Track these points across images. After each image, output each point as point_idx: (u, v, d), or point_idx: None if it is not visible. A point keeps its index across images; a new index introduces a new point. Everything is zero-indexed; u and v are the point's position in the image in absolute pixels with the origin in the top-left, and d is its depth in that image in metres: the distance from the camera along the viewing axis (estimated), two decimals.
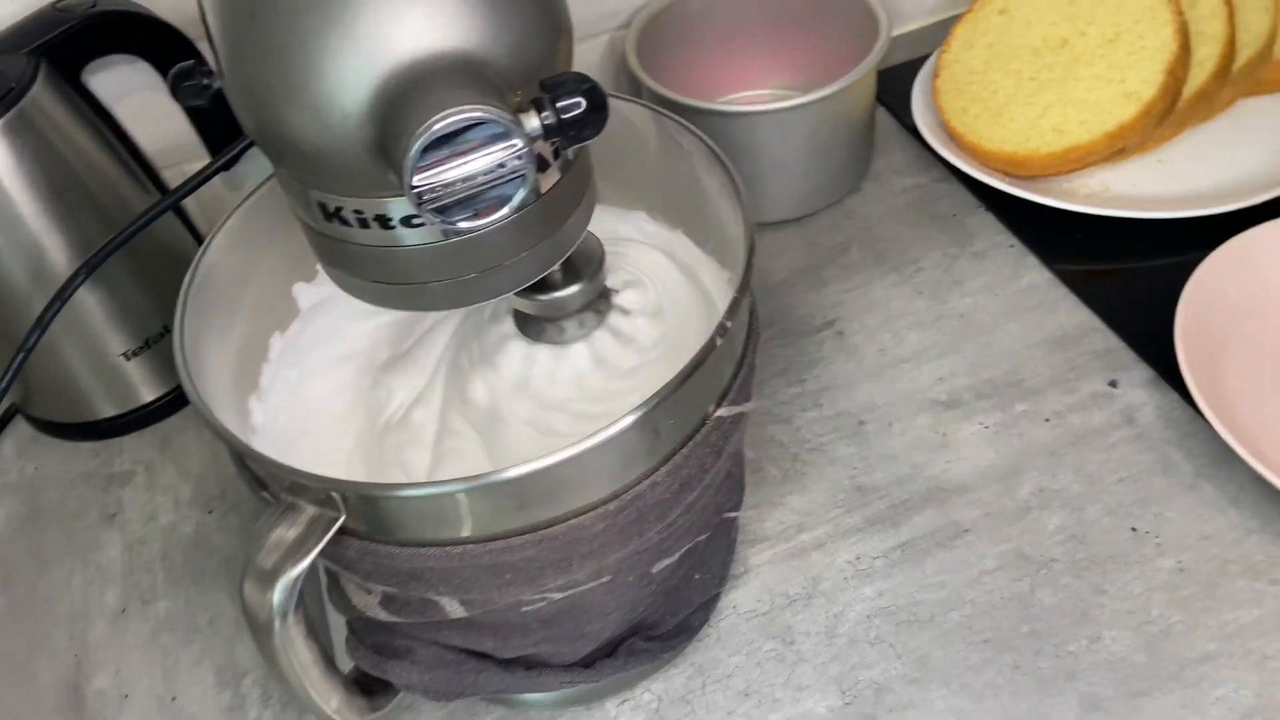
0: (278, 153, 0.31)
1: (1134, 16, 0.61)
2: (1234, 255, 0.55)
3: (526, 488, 0.33)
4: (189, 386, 0.37)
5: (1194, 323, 0.52)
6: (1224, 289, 0.54)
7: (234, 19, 0.29)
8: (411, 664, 0.40)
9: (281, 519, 0.34)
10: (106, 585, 0.55)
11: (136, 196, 0.58)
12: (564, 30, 0.32)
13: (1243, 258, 0.55)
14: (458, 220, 0.29)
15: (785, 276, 0.63)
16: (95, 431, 0.62)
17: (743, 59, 0.71)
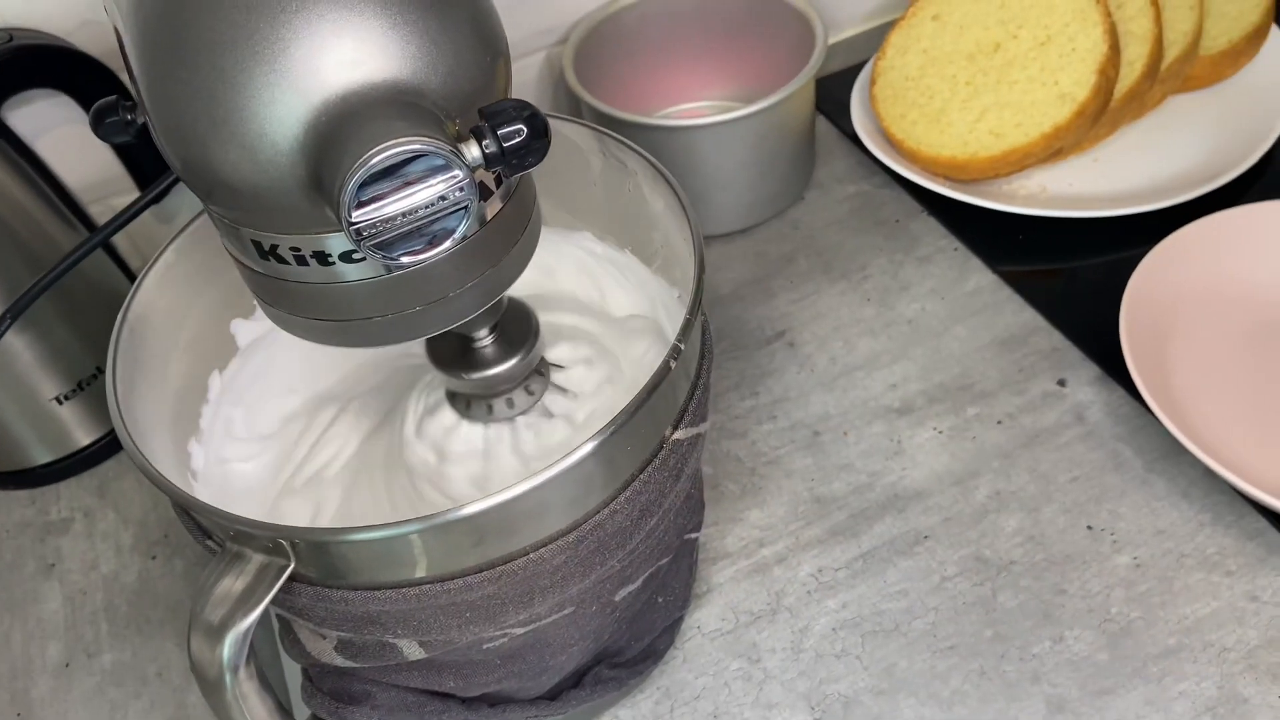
0: (207, 191, 0.30)
1: (1064, 19, 0.62)
2: (1172, 252, 0.55)
3: (483, 524, 0.32)
4: (123, 433, 0.36)
5: (1138, 320, 0.53)
6: (1164, 285, 0.55)
7: (155, 55, 0.28)
8: (371, 709, 0.39)
9: (228, 569, 0.33)
10: (48, 639, 0.53)
11: (63, 234, 0.56)
12: (500, 54, 0.31)
13: (1180, 254, 0.56)
14: (400, 255, 0.28)
15: (733, 289, 0.63)
16: (29, 479, 0.60)
17: (680, 71, 0.71)
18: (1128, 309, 0.53)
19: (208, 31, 0.27)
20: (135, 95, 0.30)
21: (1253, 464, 0.49)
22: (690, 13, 0.69)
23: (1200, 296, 0.56)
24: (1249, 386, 0.52)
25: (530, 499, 0.32)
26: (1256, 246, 0.56)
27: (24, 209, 0.54)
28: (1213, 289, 0.56)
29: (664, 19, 0.69)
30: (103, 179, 0.60)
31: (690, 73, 0.71)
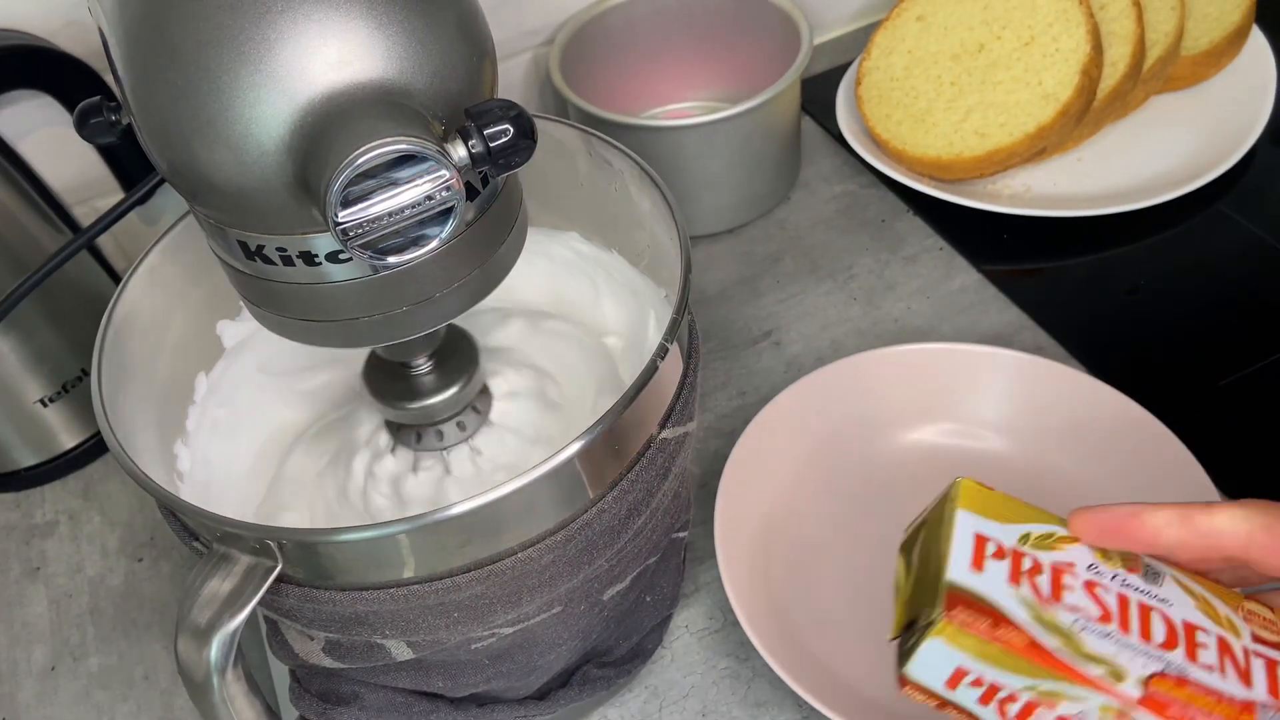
0: (192, 192, 0.30)
1: (1047, 20, 0.63)
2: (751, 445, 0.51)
3: (470, 524, 0.32)
4: (109, 435, 0.36)
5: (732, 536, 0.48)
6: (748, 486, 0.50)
7: (140, 56, 0.28)
8: (360, 710, 0.39)
9: (215, 570, 0.33)
10: (34, 643, 0.53)
11: (47, 236, 0.56)
12: (487, 54, 0.32)
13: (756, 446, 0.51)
14: (386, 255, 0.28)
15: (720, 289, 0.63)
16: (14, 482, 0.59)
17: (667, 72, 0.71)
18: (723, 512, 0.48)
19: (193, 32, 0.27)
20: (120, 96, 0.30)
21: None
22: (676, 13, 0.69)
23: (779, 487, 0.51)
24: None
25: (518, 499, 0.32)
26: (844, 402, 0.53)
27: (7, 211, 0.54)
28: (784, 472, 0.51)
29: (650, 20, 0.69)
30: (87, 180, 0.60)
31: (676, 73, 0.71)
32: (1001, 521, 0.32)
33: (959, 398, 0.52)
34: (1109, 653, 0.30)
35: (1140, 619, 0.31)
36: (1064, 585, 0.31)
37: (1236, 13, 0.65)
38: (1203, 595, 0.32)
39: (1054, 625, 0.30)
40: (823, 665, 0.45)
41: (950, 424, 0.52)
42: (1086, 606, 0.31)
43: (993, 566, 0.31)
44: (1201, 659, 0.31)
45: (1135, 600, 0.31)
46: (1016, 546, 0.32)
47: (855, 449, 0.52)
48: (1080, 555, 0.32)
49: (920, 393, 0.52)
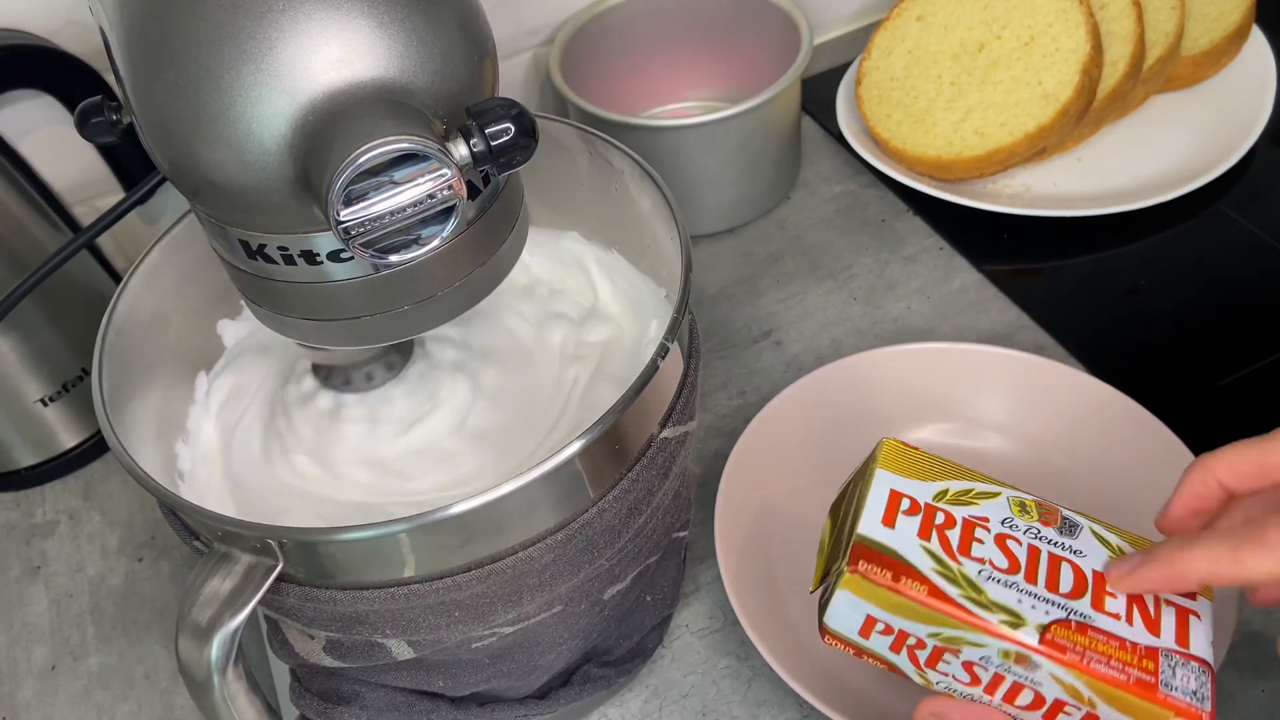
0: (194, 190, 0.30)
1: (1047, 19, 0.63)
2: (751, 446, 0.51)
3: (471, 523, 0.32)
4: (110, 434, 0.36)
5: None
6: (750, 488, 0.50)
7: (141, 55, 0.28)
8: (360, 709, 0.39)
9: (216, 569, 0.33)
10: (34, 643, 0.53)
11: (48, 236, 0.56)
12: (487, 53, 0.32)
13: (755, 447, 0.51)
14: (388, 254, 0.28)
15: (720, 288, 0.63)
16: (14, 481, 0.59)
17: (667, 72, 0.71)
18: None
19: (194, 31, 0.27)
20: (121, 95, 0.30)
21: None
22: (676, 13, 0.69)
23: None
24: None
25: (518, 498, 0.32)
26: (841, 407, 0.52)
27: (8, 210, 0.54)
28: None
29: (650, 19, 0.69)
30: (87, 180, 0.60)
31: (676, 73, 0.71)
32: (921, 479, 0.34)
33: (959, 398, 0.52)
34: (1010, 601, 0.32)
35: (1049, 569, 0.32)
36: (975, 538, 0.33)
37: (1236, 13, 0.65)
38: (1119, 547, 0.34)
39: (959, 576, 0.32)
40: (823, 665, 0.45)
41: (950, 424, 0.52)
42: (994, 557, 0.32)
43: (904, 521, 0.33)
44: (1109, 607, 0.32)
45: (1045, 551, 0.33)
46: (931, 502, 0.33)
47: (855, 449, 0.52)
48: (996, 510, 0.33)
49: (920, 393, 0.52)
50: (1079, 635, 0.31)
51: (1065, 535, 0.34)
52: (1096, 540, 0.34)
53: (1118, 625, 0.32)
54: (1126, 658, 0.31)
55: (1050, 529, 0.34)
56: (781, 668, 0.42)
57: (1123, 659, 0.31)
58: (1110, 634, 0.31)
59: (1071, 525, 0.34)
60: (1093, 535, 0.34)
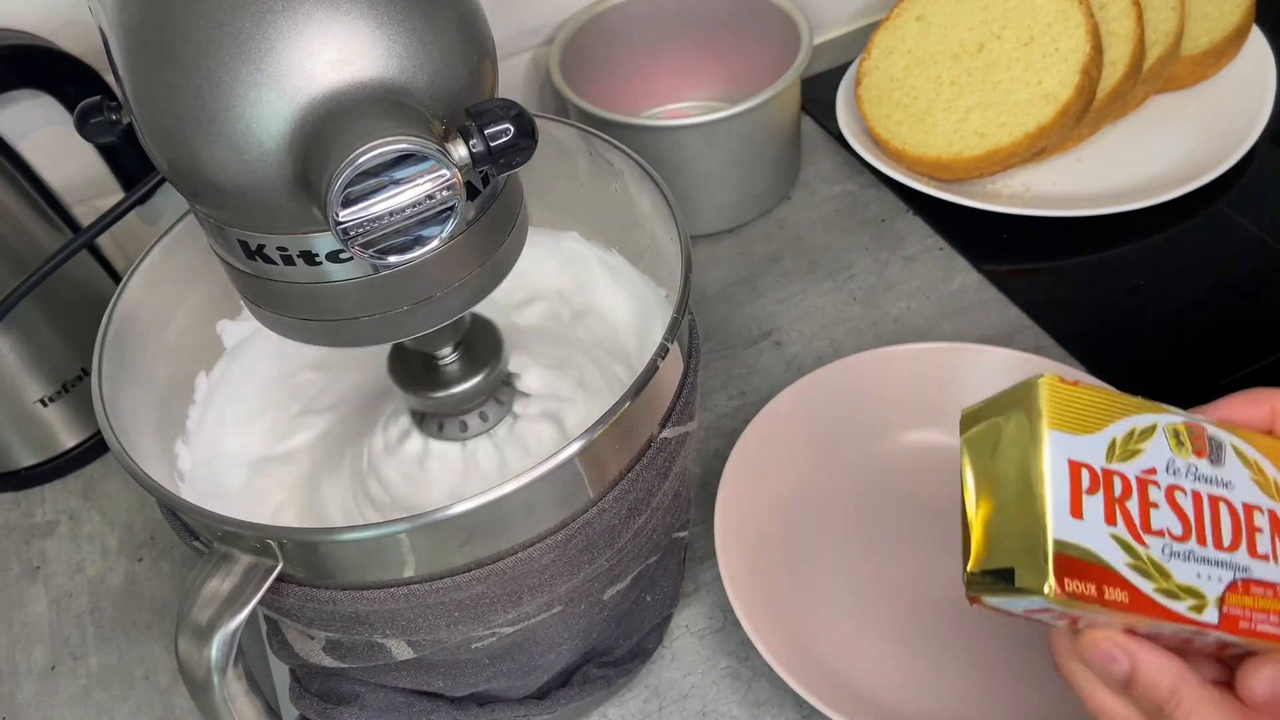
0: (193, 191, 0.30)
1: (1047, 19, 0.63)
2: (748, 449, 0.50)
3: (471, 523, 0.32)
4: (109, 434, 0.36)
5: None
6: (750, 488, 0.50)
7: (141, 55, 0.28)
8: (360, 709, 0.39)
9: (215, 570, 0.33)
10: (33, 643, 0.53)
11: (47, 236, 0.56)
12: (487, 53, 0.32)
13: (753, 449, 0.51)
14: (387, 254, 0.28)
15: (720, 289, 0.63)
16: (14, 482, 0.59)
17: (667, 72, 0.71)
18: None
19: (194, 31, 0.27)
20: (120, 95, 0.30)
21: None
22: (676, 13, 0.69)
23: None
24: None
25: (518, 498, 0.32)
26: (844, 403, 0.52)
27: (7, 210, 0.54)
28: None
29: (650, 19, 0.69)
30: (87, 180, 0.60)
31: (676, 73, 0.71)
32: (1089, 431, 0.30)
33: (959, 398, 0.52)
34: (1191, 579, 0.30)
35: (1213, 522, 0.31)
36: (1151, 503, 0.30)
37: (1236, 13, 0.65)
38: (1256, 461, 0.32)
39: (1148, 564, 0.30)
40: (823, 665, 0.45)
41: (950, 424, 0.52)
42: (1170, 525, 0.30)
43: (1090, 506, 0.30)
44: (1259, 547, 0.31)
45: (1206, 496, 0.31)
46: (1107, 466, 0.30)
47: (855, 449, 0.52)
48: (1159, 453, 0.31)
49: (920, 393, 0.52)
50: (1245, 598, 0.30)
51: (1215, 465, 0.31)
52: (1238, 459, 0.32)
53: (1269, 568, 0.31)
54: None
55: (1204, 461, 0.31)
56: (781, 668, 0.42)
57: (1278, 609, 0.30)
58: (1266, 583, 0.30)
59: (1217, 448, 0.32)
60: (1235, 454, 0.32)
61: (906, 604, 0.47)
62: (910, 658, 0.45)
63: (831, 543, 0.50)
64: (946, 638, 0.46)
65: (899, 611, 0.47)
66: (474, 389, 0.39)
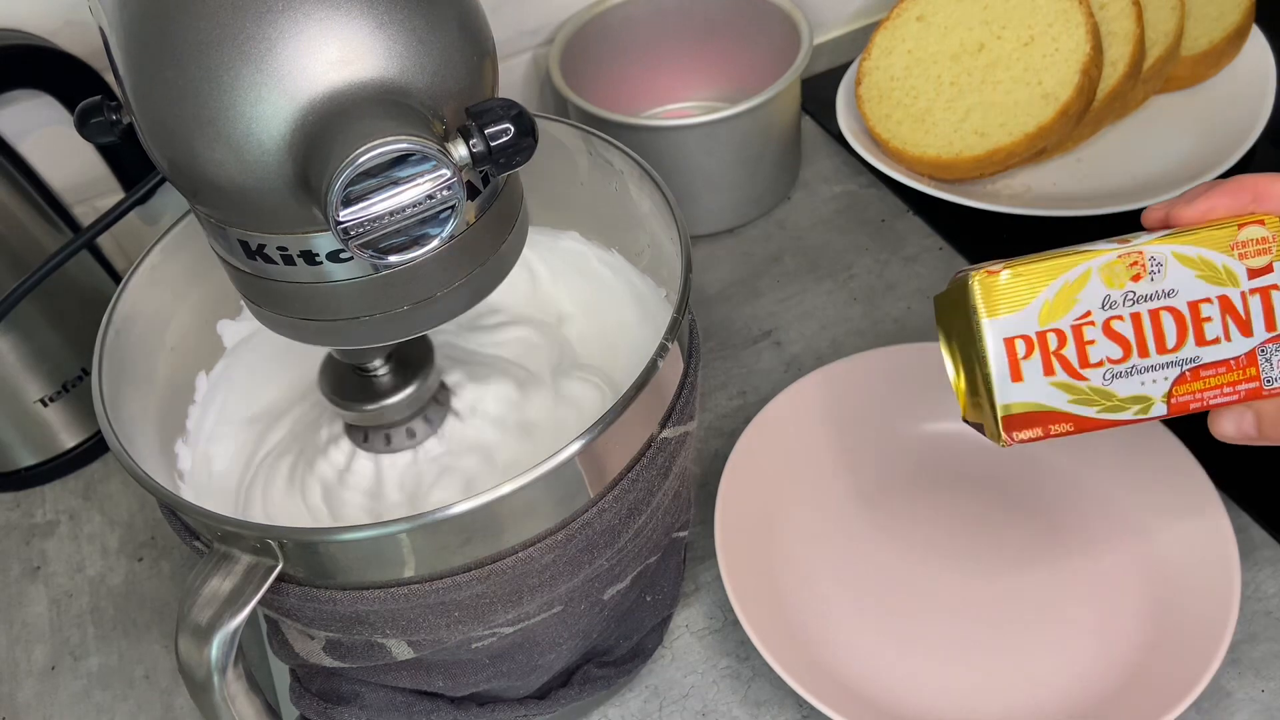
0: (193, 191, 0.30)
1: (1047, 19, 0.63)
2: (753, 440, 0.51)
3: (471, 523, 0.32)
4: (109, 434, 0.36)
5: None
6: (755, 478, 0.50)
7: (141, 55, 0.28)
8: (360, 709, 0.39)
9: (215, 569, 0.33)
10: (34, 643, 0.53)
11: (47, 236, 0.56)
12: (487, 53, 0.32)
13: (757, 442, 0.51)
14: (387, 254, 0.28)
15: (720, 289, 0.63)
16: (14, 482, 0.59)
17: (667, 72, 0.71)
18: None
19: (194, 31, 0.27)
20: (120, 95, 0.30)
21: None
22: (676, 13, 0.69)
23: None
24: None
25: (518, 498, 0.32)
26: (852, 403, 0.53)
27: (7, 210, 0.54)
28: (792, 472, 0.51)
29: (650, 19, 0.69)
30: (87, 180, 0.60)
31: (676, 73, 0.71)
32: (1021, 307, 0.35)
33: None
34: (1135, 389, 0.34)
35: (1154, 331, 0.34)
36: (1087, 341, 0.34)
37: (1236, 13, 0.65)
38: (1199, 257, 0.35)
39: (1090, 393, 0.35)
40: (823, 665, 0.45)
41: (950, 423, 0.52)
42: (1109, 352, 0.34)
43: (1028, 369, 0.34)
44: (1208, 334, 0.34)
45: (1145, 312, 0.35)
46: (1041, 329, 0.35)
47: (855, 449, 0.52)
48: (1093, 295, 0.34)
49: (920, 392, 0.52)
50: (1195, 383, 0.34)
51: (1155, 281, 0.35)
52: (1179, 262, 0.34)
53: (1219, 349, 0.34)
54: (1234, 377, 0.34)
55: (1142, 282, 0.34)
56: (781, 668, 0.42)
57: (1232, 380, 0.34)
58: (1217, 363, 0.34)
59: (1158, 264, 0.35)
60: (1176, 260, 0.35)
61: (907, 604, 0.47)
62: (910, 657, 0.45)
63: (832, 542, 0.50)
64: (947, 637, 0.46)
65: (899, 611, 0.47)
66: (399, 404, 0.38)
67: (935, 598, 0.47)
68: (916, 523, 0.50)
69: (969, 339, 0.35)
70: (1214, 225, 0.34)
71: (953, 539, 0.49)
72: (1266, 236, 0.34)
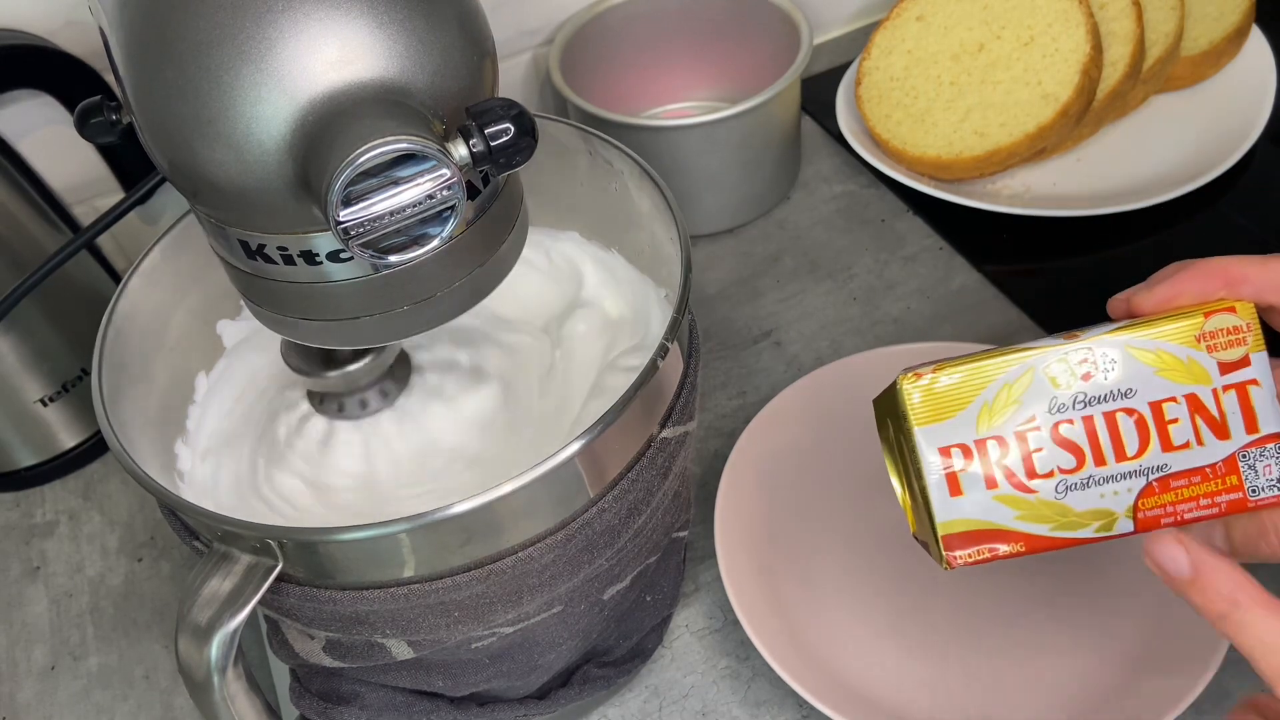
0: (193, 191, 0.30)
1: (1047, 19, 0.63)
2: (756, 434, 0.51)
3: (471, 523, 0.32)
4: (109, 434, 0.36)
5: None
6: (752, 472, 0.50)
7: (141, 55, 0.28)
8: (360, 709, 0.39)
9: (215, 569, 0.33)
10: (34, 643, 0.53)
11: (47, 236, 0.56)
12: (487, 53, 0.32)
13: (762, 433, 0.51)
14: (387, 254, 0.28)
15: (720, 289, 0.63)
16: (14, 482, 0.59)
17: (667, 72, 0.71)
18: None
19: (194, 31, 0.27)
20: (120, 95, 0.30)
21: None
22: (676, 13, 0.69)
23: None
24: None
25: (518, 498, 0.32)
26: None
27: (7, 210, 0.54)
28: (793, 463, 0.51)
29: (650, 19, 0.69)
30: (87, 180, 0.60)
31: (676, 73, 0.71)
32: (955, 413, 0.32)
33: None
34: (1094, 502, 0.31)
35: (1110, 436, 0.31)
36: (1033, 449, 0.31)
37: (1236, 13, 0.65)
38: (1159, 351, 0.31)
39: (1041, 508, 0.31)
40: (823, 665, 0.45)
41: None
42: (1060, 461, 0.31)
43: (968, 482, 0.31)
44: (1175, 438, 0.31)
45: (1099, 415, 0.31)
46: (980, 437, 0.31)
47: (855, 449, 0.52)
48: (1037, 398, 0.31)
49: None
50: (1165, 494, 0.31)
51: (1109, 378, 0.31)
52: (1135, 357, 0.31)
53: (1190, 455, 0.31)
54: (1212, 488, 0.31)
55: (1093, 381, 0.31)
56: (781, 668, 0.42)
57: (1209, 491, 0.31)
58: (1189, 470, 0.31)
59: (1109, 362, 0.31)
60: (1131, 357, 0.31)
61: (907, 604, 0.47)
62: (910, 657, 0.45)
63: (831, 543, 0.50)
64: (947, 637, 0.46)
65: (899, 611, 0.47)
66: (370, 366, 0.38)
67: (935, 598, 0.47)
68: None
69: (906, 449, 0.32)
70: (1178, 314, 0.31)
71: None
72: (1239, 325, 0.31)
